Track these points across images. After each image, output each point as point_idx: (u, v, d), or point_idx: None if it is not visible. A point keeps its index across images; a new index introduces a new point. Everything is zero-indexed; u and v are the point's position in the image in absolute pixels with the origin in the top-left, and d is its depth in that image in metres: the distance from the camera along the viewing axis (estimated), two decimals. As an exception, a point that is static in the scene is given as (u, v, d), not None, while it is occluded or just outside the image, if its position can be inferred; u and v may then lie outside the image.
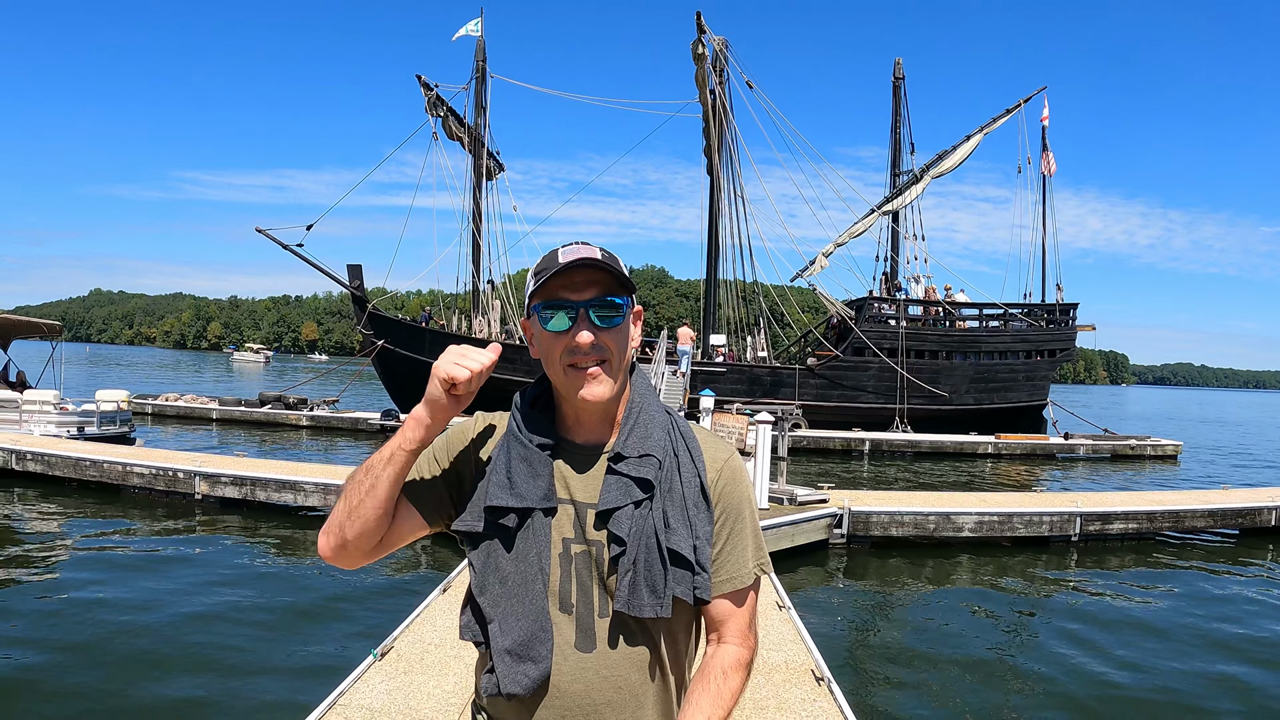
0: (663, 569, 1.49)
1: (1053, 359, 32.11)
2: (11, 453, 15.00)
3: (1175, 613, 9.47)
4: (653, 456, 1.55)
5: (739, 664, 1.58)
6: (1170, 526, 13.28)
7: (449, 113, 30.58)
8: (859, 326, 29.53)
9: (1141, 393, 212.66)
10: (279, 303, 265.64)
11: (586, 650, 1.51)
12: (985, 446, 25.77)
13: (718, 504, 1.59)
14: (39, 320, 20.98)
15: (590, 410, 1.56)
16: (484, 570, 1.53)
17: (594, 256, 1.50)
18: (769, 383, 29.10)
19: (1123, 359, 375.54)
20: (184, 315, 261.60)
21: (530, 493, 1.52)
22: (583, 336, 1.49)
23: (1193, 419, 68.06)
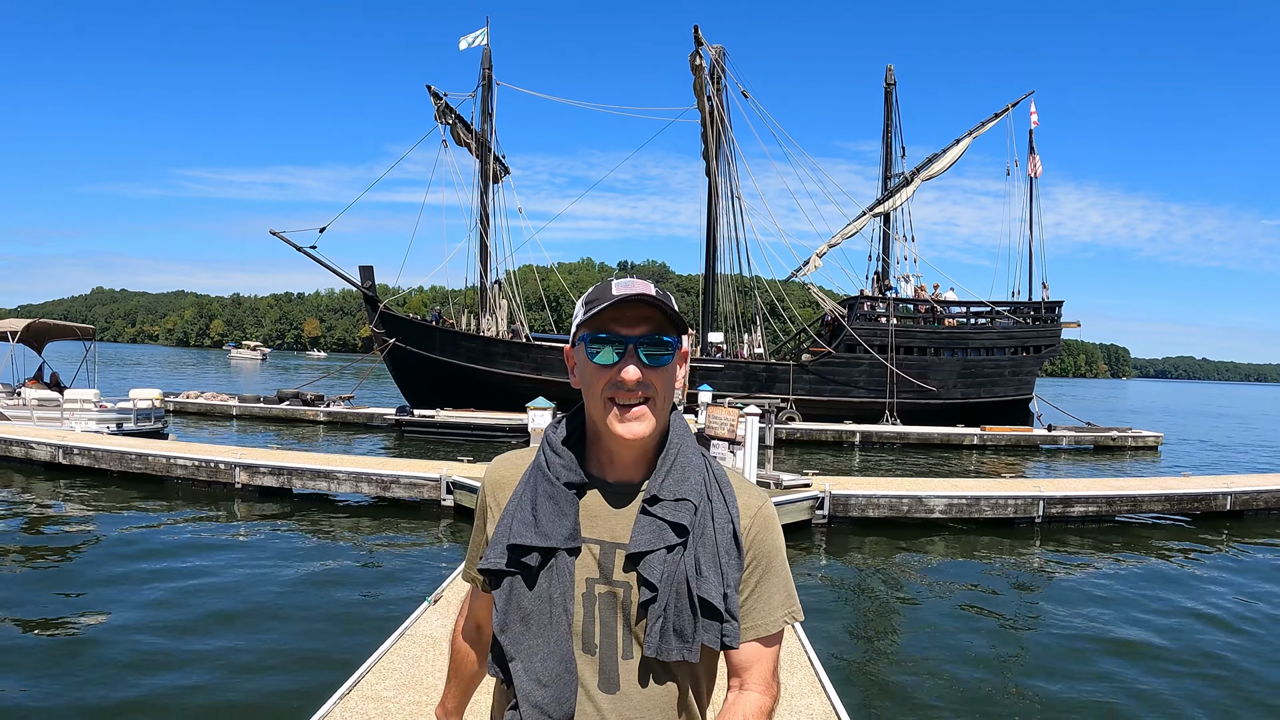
0: (692, 616, 1.47)
1: (1038, 354, 33.38)
2: (59, 448, 16.24)
3: (1126, 585, 10.65)
4: (689, 501, 1.52)
5: (760, 712, 1.57)
6: (1128, 510, 14.49)
7: (457, 120, 31.81)
8: (850, 324, 30.89)
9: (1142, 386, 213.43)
10: (281, 300, 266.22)
11: (609, 692, 1.49)
12: (971, 438, 27.01)
13: (749, 551, 1.57)
14: (73, 324, 22.24)
15: (627, 449, 1.53)
16: (505, 609, 1.52)
17: (647, 293, 1.48)
18: (764, 378, 30.39)
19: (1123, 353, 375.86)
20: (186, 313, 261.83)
21: (555, 532, 1.50)
22: (629, 373, 1.47)
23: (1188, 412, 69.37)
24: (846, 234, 32.32)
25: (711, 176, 32.91)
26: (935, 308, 32.59)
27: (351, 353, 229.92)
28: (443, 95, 30.95)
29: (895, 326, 31.06)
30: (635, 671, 1.50)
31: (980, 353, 32.27)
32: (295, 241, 31.72)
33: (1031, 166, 33.56)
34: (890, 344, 30.55)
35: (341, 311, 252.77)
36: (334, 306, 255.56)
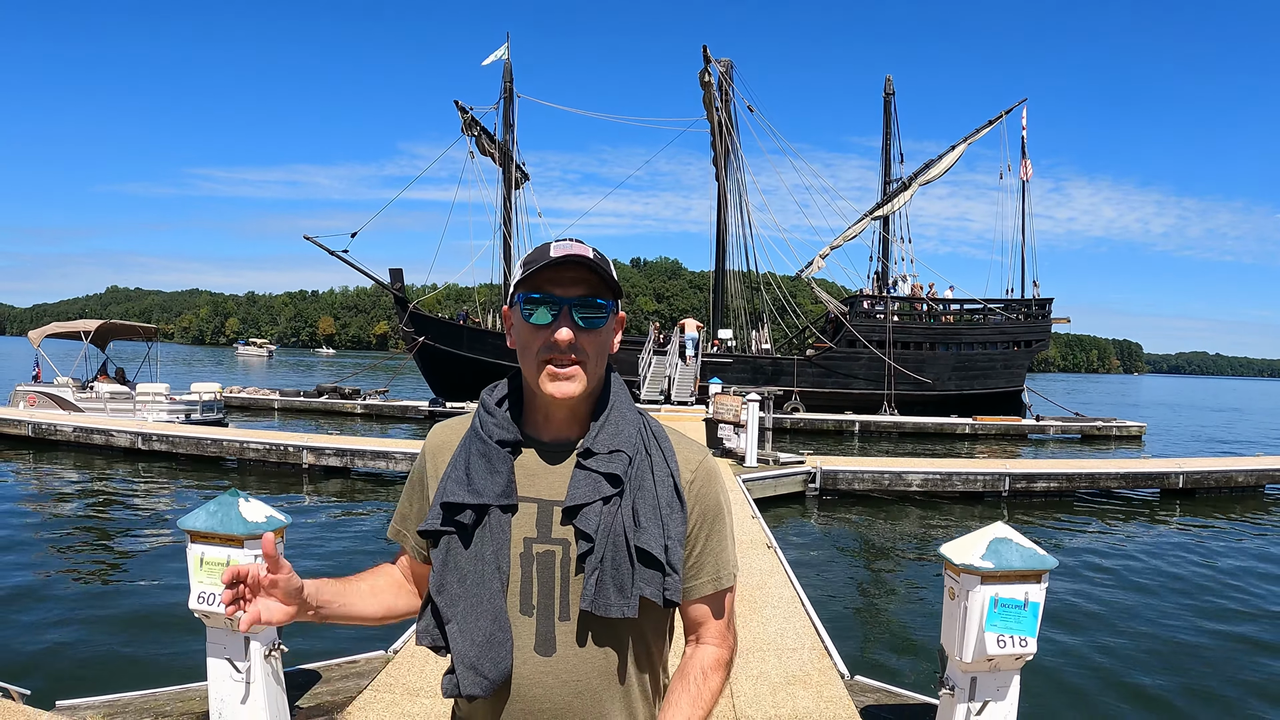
0: (630, 568, 1.46)
1: (1029, 348, 35.33)
2: (138, 435, 18.35)
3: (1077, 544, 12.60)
4: (622, 453, 1.51)
5: (719, 663, 1.58)
6: (1087, 486, 16.40)
7: (482, 131, 33.90)
8: (851, 321, 33.00)
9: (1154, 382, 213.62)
10: (295, 298, 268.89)
11: (546, 654, 1.47)
12: (963, 427, 28.89)
13: (694, 506, 1.56)
14: (137, 324, 24.36)
15: (559, 407, 1.53)
16: (442, 569, 1.50)
17: (585, 255, 1.47)
18: (770, 371, 32.43)
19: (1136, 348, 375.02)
20: (201, 311, 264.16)
21: (487, 489, 1.49)
22: (562, 334, 1.46)
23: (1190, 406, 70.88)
24: (848, 236, 34.36)
25: (720, 182, 35.03)
26: (931, 305, 34.65)
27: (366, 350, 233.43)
28: (469, 109, 33.08)
29: (893, 323, 33.11)
30: (572, 633, 1.48)
31: (973, 347, 34.28)
32: (328, 246, 33.79)
33: (1023, 171, 35.39)
34: (888, 339, 32.62)
35: (356, 309, 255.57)
36: (348, 304, 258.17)
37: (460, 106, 32.83)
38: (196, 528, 3.92)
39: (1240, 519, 14.88)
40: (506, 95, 35.43)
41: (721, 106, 32.87)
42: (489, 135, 34.54)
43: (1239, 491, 17.28)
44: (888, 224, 35.25)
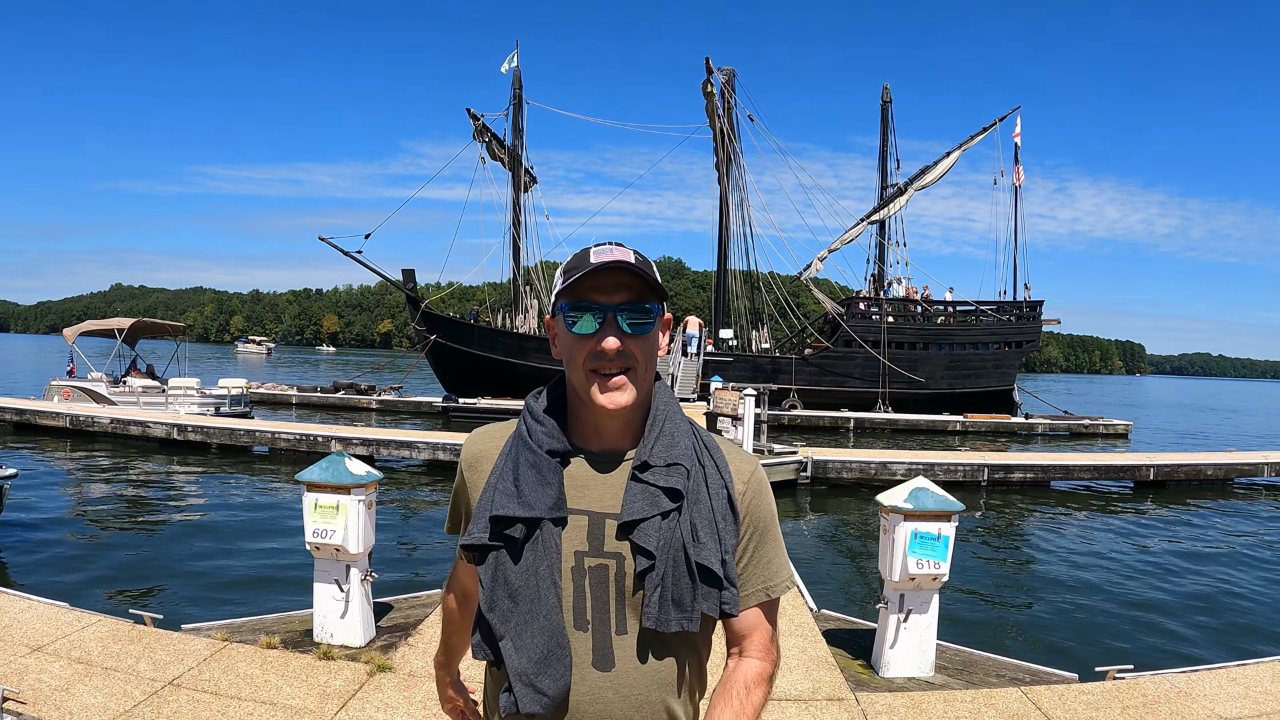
0: (691, 584, 1.44)
1: (1020, 349, 36.56)
2: (174, 426, 19.57)
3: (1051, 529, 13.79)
4: (681, 466, 1.49)
5: (762, 678, 1.55)
6: (1061, 477, 17.58)
7: (493, 138, 35.14)
8: (847, 322, 34.23)
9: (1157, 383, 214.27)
10: (300, 296, 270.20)
11: (604, 669, 1.45)
12: (954, 425, 30.08)
13: (745, 516, 1.54)
14: (166, 323, 25.64)
15: (610, 418, 1.51)
16: (492, 585, 1.47)
17: (627, 260, 1.45)
18: (770, 370, 33.67)
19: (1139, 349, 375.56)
20: (206, 309, 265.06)
21: (539, 501, 1.46)
22: (609, 342, 1.44)
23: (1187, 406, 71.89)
24: (845, 240, 35.59)
25: (723, 187, 36.24)
26: (925, 306, 35.90)
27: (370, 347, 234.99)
28: (480, 116, 34.33)
29: (887, 324, 34.36)
30: (631, 647, 1.46)
31: (965, 347, 35.53)
32: (344, 248, 35.01)
33: (1015, 176, 36.56)
34: (883, 339, 33.86)
35: (359, 307, 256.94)
36: (352, 302, 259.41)
37: (472, 114, 34.11)
38: (313, 479, 5.13)
39: (1204, 508, 16.01)
40: (516, 102, 36.67)
41: (723, 115, 34.16)
42: (499, 141, 35.78)
43: (1208, 484, 18.40)
44: (884, 228, 36.49)
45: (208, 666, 5.02)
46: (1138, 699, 5.02)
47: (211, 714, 4.41)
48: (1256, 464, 19.53)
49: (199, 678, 4.86)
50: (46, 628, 5.59)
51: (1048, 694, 5.02)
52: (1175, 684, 5.33)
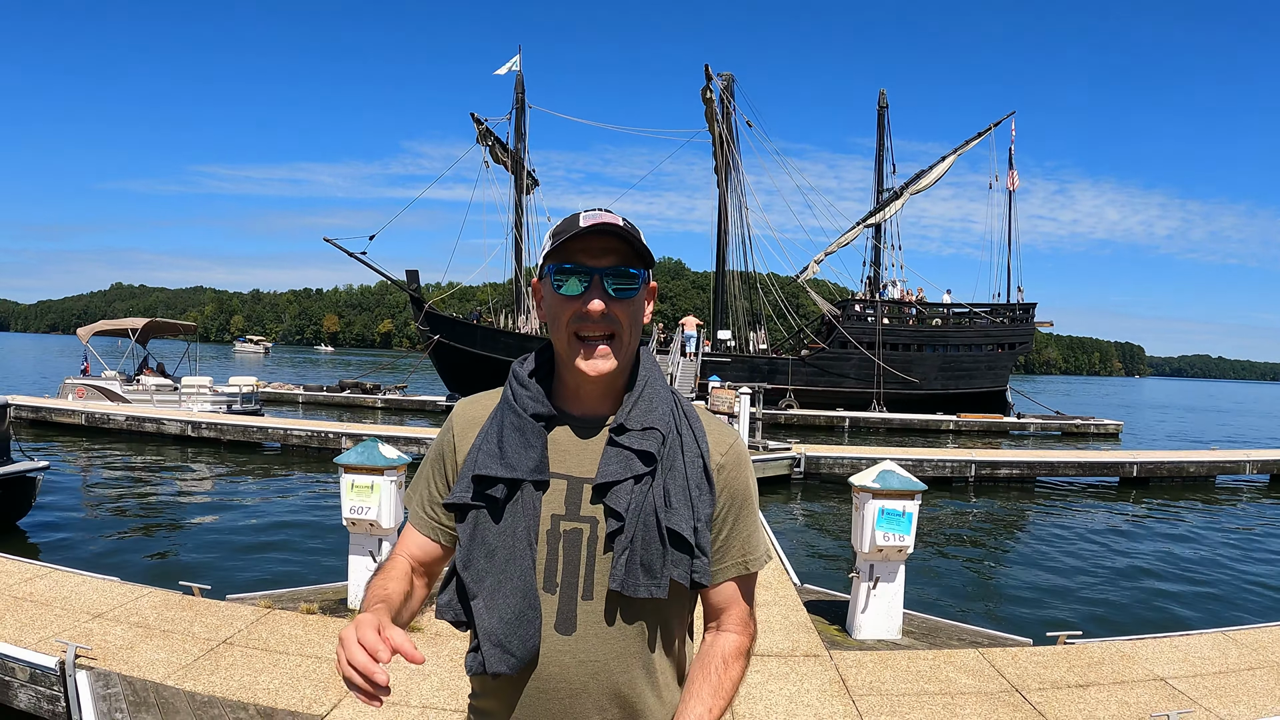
0: (661, 548, 1.45)
1: (1012, 350, 37.22)
2: (188, 423, 20.19)
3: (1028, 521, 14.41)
4: (656, 430, 1.50)
5: (739, 652, 1.56)
6: (1046, 473, 18.21)
7: (495, 141, 35.78)
8: (842, 324, 34.89)
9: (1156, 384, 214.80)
10: (300, 295, 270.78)
11: (565, 633, 1.45)
12: (947, 424, 30.71)
13: (723, 489, 1.54)
14: (177, 322, 26.24)
15: (593, 384, 1.51)
16: (470, 544, 1.48)
17: (616, 223, 1.45)
18: (767, 370, 34.30)
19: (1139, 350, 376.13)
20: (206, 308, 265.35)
21: (521, 463, 1.47)
22: (594, 304, 1.44)
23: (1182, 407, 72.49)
24: (841, 243, 36.24)
25: (721, 190, 36.90)
26: (919, 309, 36.57)
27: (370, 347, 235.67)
28: (484, 120, 34.99)
29: (882, 325, 35.03)
30: (595, 612, 1.46)
31: (959, 349, 36.17)
32: (347, 248, 35.61)
33: (1009, 181, 37.19)
34: (878, 341, 34.51)
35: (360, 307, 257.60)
36: (352, 302, 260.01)
37: (476, 118, 34.77)
38: (350, 463, 5.76)
39: (1183, 503, 16.63)
40: (518, 106, 37.31)
41: (722, 121, 34.81)
42: (502, 144, 36.41)
43: (1191, 481, 19.03)
44: (880, 231, 37.13)
45: (255, 628, 5.65)
46: (1084, 660, 5.64)
47: (264, 665, 5.03)
48: (1239, 462, 20.15)
49: (249, 637, 5.49)
50: (103, 598, 6.20)
51: (1002, 654, 5.64)
52: (1120, 649, 5.96)
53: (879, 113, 38.01)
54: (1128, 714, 4.77)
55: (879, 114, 37.99)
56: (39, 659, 5.03)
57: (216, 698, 4.61)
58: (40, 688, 5.06)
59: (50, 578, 6.71)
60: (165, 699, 4.63)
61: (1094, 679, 5.29)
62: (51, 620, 5.72)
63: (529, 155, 37.88)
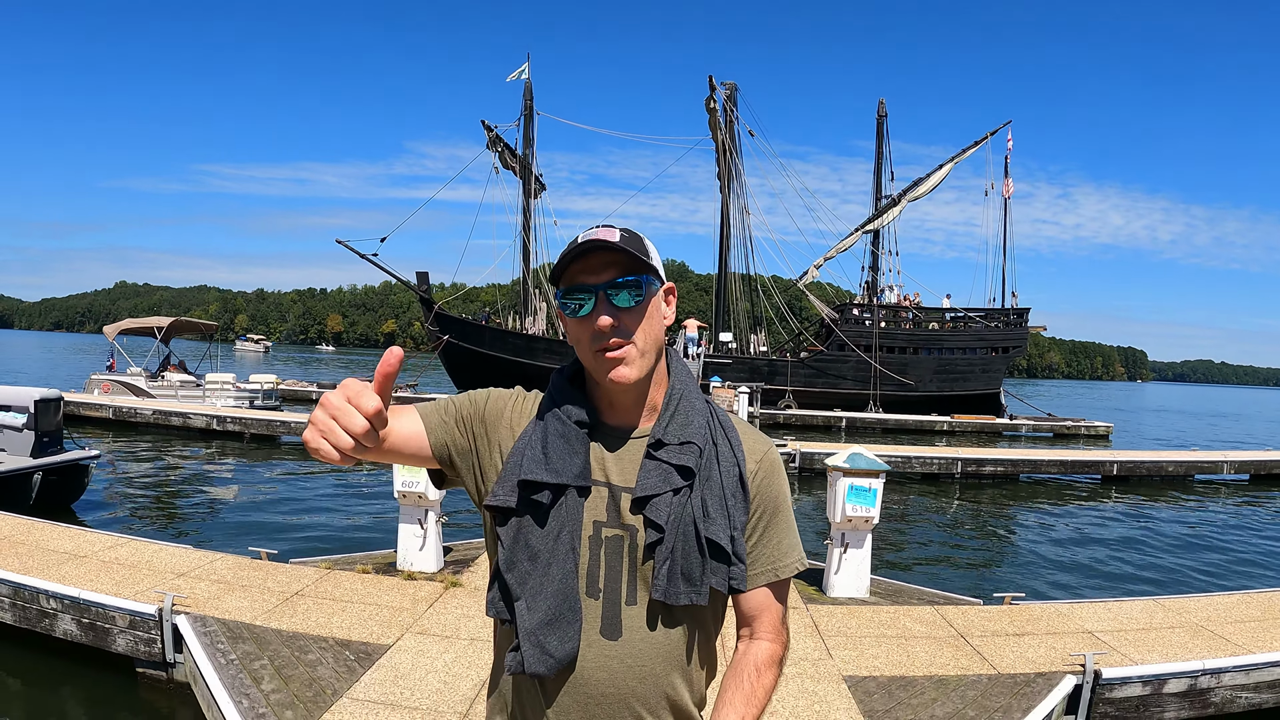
0: (700, 558, 1.48)
1: (1006, 354, 38.28)
2: (214, 417, 21.20)
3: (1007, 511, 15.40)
4: (694, 444, 1.52)
5: (772, 661, 1.59)
6: (1029, 470, 19.20)
7: (505, 148, 36.88)
8: (840, 328, 35.95)
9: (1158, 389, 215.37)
10: (304, 295, 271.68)
11: (612, 638, 1.49)
12: (941, 425, 31.69)
13: (756, 496, 1.58)
14: (200, 321, 27.31)
15: (622, 393, 1.54)
16: (513, 546, 1.51)
17: (608, 239, 1.47)
18: (766, 372, 35.34)
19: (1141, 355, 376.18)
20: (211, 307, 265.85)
21: (566, 469, 1.50)
22: (602, 320, 1.47)
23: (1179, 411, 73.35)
24: (840, 249, 37.32)
25: (724, 196, 37.94)
26: (915, 313, 37.65)
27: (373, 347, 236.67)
28: (494, 127, 36.10)
29: (879, 329, 36.09)
30: (639, 618, 1.49)
31: (953, 352, 37.23)
32: (360, 250, 36.68)
33: (1005, 188, 38.20)
34: (874, 344, 35.56)
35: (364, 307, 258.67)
36: (356, 302, 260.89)
37: (486, 125, 35.87)
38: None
39: (1158, 498, 17.62)
40: (527, 113, 38.41)
41: (725, 129, 35.92)
42: (510, 150, 37.49)
43: (1169, 479, 20.02)
44: (878, 237, 38.18)
45: (321, 584, 6.66)
46: (1024, 616, 6.63)
47: (333, 611, 6.04)
48: (1216, 462, 21.17)
49: (316, 590, 6.49)
50: (183, 562, 7.20)
51: (954, 610, 6.64)
52: (1059, 609, 6.95)
53: (878, 121, 39.05)
54: (1054, 656, 5.75)
55: (878, 123, 39.04)
56: (139, 607, 6.01)
57: (300, 633, 5.62)
58: (139, 632, 6.04)
59: (130, 545, 7.71)
60: (257, 634, 5.63)
61: (1030, 630, 6.28)
62: (141, 579, 6.70)
63: (536, 159, 38.99)
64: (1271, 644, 6.28)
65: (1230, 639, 6.35)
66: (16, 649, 6.35)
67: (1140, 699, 5.63)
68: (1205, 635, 6.44)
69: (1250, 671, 5.96)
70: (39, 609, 6.39)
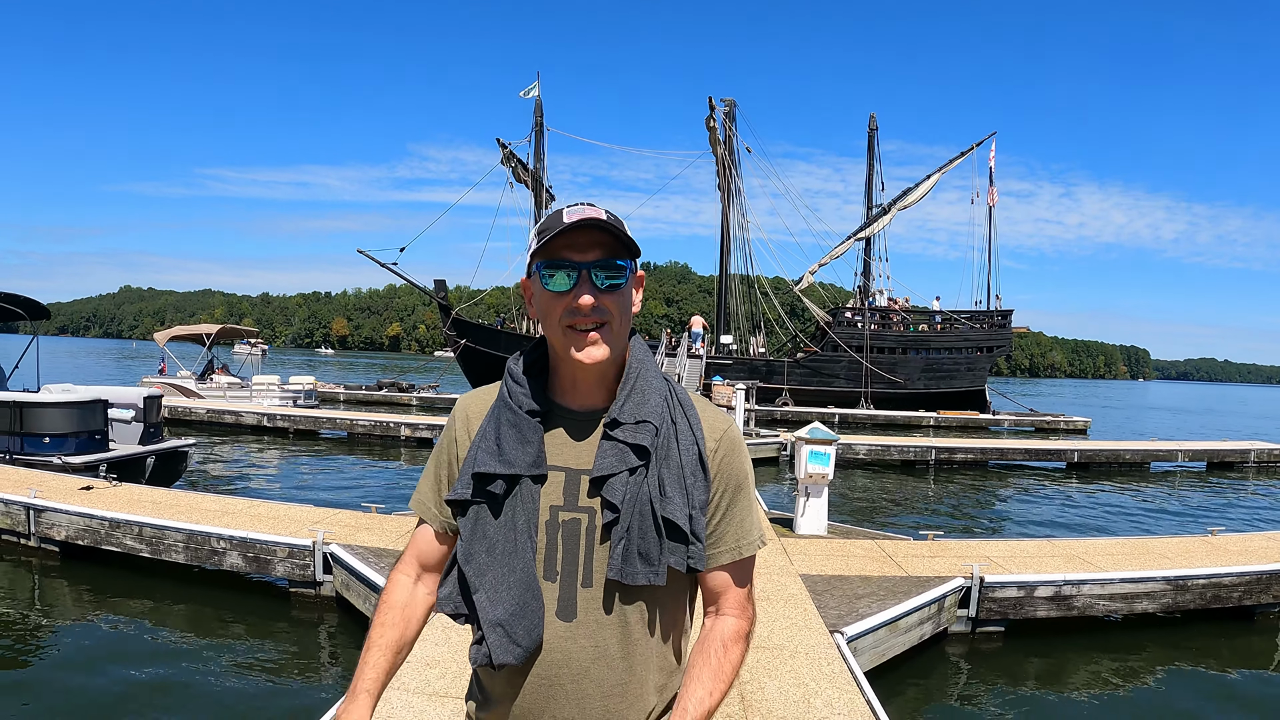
0: (657, 537, 1.50)
1: (990, 353, 40.77)
2: (264, 415, 23.56)
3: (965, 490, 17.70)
4: (649, 423, 1.54)
5: (738, 636, 1.61)
6: (997, 458, 21.52)
7: (518, 163, 39.34)
8: (833, 330, 38.47)
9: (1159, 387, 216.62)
10: (309, 299, 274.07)
11: (567, 619, 1.51)
12: (928, 420, 34.04)
13: (717, 475, 1.59)
14: (243, 328, 29.77)
15: (587, 373, 1.55)
16: (471, 538, 1.53)
17: (599, 217, 1.48)
18: (765, 371, 37.86)
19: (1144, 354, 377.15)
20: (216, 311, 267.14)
21: (519, 459, 1.52)
22: (584, 299, 1.47)
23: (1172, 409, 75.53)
24: (834, 255, 39.81)
25: (724, 208, 40.42)
26: (904, 316, 40.16)
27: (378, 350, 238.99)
28: (508, 144, 38.57)
29: (870, 331, 38.60)
30: (595, 599, 1.51)
31: (940, 352, 39.71)
32: (380, 259, 39.02)
33: (990, 197, 40.57)
34: (865, 345, 38.08)
35: (369, 310, 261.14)
36: (361, 306, 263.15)
37: (501, 143, 38.41)
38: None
39: (1109, 482, 19.93)
40: (537, 129, 40.85)
41: (724, 145, 38.46)
42: (523, 165, 39.96)
43: (1128, 466, 22.28)
44: (869, 245, 40.68)
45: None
46: (940, 547, 8.98)
47: (439, 542, 8.40)
48: (1172, 450, 23.45)
49: (422, 530, 8.86)
50: (311, 516, 9.53)
51: (889, 543, 9.02)
52: (968, 543, 9.33)
53: (869, 135, 41.47)
54: (952, 568, 8.07)
55: (869, 136, 41.46)
56: (296, 540, 8.35)
57: (421, 553, 7.99)
58: (295, 561, 8.38)
59: (264, 506, 10.06)
60: (389, 555, 7.99)
61: (940, 554, 8.63)
62: (284, 526, 9.01)
63: (546, 173, 41.48)
64: (1126, 568, 8.59)
65: (1096, 564, 8.64)
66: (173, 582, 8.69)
67: (1015, 599, 7.94)
68: (1078, 562, 8.73)
69: (1105, 585, 8.26)
70: (210, 549, 8.72)
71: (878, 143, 41.15)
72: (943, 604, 7.34)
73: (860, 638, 6.13)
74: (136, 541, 8.88)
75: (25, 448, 12.62)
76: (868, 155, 41.40)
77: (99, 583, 8.65)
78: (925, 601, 6.99)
